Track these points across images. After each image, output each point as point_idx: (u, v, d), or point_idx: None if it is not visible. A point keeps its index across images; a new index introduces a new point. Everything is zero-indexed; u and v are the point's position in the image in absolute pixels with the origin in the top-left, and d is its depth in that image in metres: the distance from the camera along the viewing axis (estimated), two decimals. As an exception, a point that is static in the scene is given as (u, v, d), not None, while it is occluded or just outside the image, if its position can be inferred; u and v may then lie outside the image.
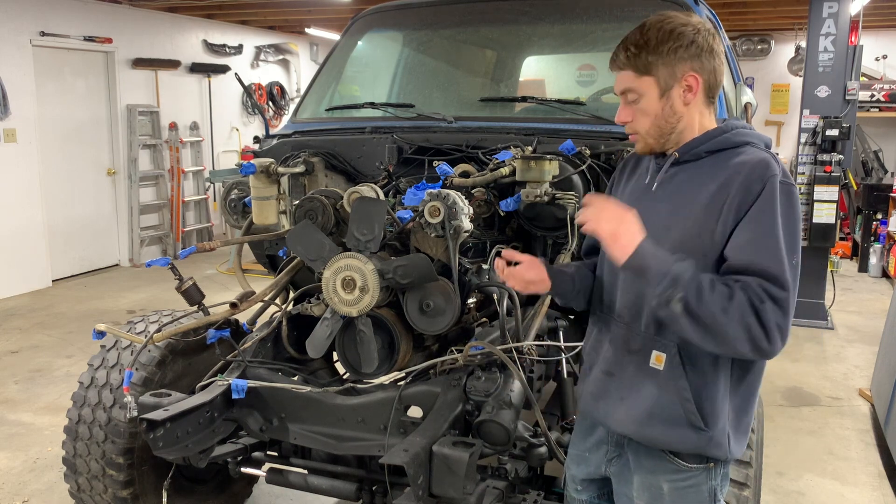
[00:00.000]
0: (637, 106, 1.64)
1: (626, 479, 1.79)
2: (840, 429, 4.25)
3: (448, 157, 2.79)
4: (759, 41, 10.66)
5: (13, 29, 7.12)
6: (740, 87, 3.46)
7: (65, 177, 7.88)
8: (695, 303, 1.47)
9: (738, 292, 1.46)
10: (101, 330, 2.41)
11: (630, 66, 1.62)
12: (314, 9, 8.76)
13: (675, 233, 1.62)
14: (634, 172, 1.83)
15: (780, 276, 1.47)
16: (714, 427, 1.63)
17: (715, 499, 1.72)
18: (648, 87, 1.62)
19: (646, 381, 1.68)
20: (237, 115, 10.42)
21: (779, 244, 1.50)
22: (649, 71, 1.61)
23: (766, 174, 1.54)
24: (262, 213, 2.80)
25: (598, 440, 1.86)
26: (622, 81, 1.65)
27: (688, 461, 1.68)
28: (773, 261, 1.48)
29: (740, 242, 1.53)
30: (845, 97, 6.05)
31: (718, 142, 1.64)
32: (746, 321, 1.45)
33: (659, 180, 1.68)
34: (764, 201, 1.52)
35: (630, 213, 1.57)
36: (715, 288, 1.47)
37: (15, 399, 4.64)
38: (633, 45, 1.62)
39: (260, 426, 2.36)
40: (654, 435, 1.67)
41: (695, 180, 1.63)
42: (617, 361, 1.74)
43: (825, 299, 6.25)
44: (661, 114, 1.63)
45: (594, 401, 1.80)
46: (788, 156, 10.43)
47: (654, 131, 1.65)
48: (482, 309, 2.66)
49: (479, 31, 3.73)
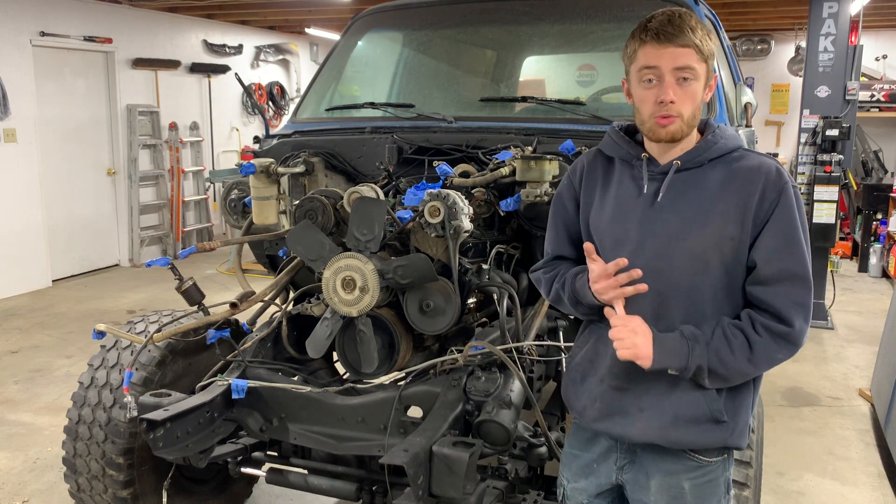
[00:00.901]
0: (688, 88, 1.57)
1: (641, 485, 1.74)
2: (840, 429, 4.25)
3: (448, 157, 2.79)
4: (759, 41, 10.66)
5: (13, 29, 7.12)
6: (740, 87, 3.46)
7: (65, 177, 7.88)
8: (723, 371, 1.59)
9: (755, 337, 1.58)
10: (101, 330, 2.41)
11: (694, 46, 1.55)
12: (314, 9, 8.76)
13: (693, 243, 1.61)
14: (609, 179, 1.75)
15: (807, 276, 1.60)
16: (738, 419, 1.67)
17: (729, 488, 1.75)
18: (703, 73, 1.59)
19: (667, 388, 1.65)
20: (237, 115, 10.42)
21: (802, 248, 1.60)
22: (708, 58, 1.59)
23: (780, 183, 1.60)
24: (262, 213, 2.80)
25: (604, 449, 1.79)
26: (682, 57, 1.55)
27: (708, 455, 1.69)
28: (798, 265, 1.59)
29: (769, 252, 1.60)
30: (845, 97, 6.05)
31: (718, 149, 1.65)
32: (771, 358, 1.60)
33: (664, 190, 1.65)
34: (783, 209, 1.59)
35: (632, 326, 1.59)
36: (733, 348, 1.58)
37: (15, 399, 4.64)
38: (700, 28, 1.57)
39: (260, 426, 2.36)
40: (678, 437, 1.66)
41: (702, 189, 1.63)
42: (628, 375, 1.69)
43: (825, 299, 6.25)
44: (699, 103, 1.61)
45: (606, 418, 1.73)
46: (788, 156, 10.43)
47: (691, 119, 1.61)
48: (482, 309, 2.65)
49: (479, 31, 3.73)
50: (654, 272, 1.61)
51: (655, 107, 1.58)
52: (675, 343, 1.58)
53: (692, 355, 1.57)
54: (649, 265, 1.61)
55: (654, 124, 1.60)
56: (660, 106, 1.57)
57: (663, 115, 1.58)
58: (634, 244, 1.65)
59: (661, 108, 1.57)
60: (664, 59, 1.55)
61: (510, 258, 2.67)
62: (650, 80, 1.58)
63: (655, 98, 1.58)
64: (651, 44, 1.57)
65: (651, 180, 1.67)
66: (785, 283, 1.58)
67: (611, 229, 1.71)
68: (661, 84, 1.57)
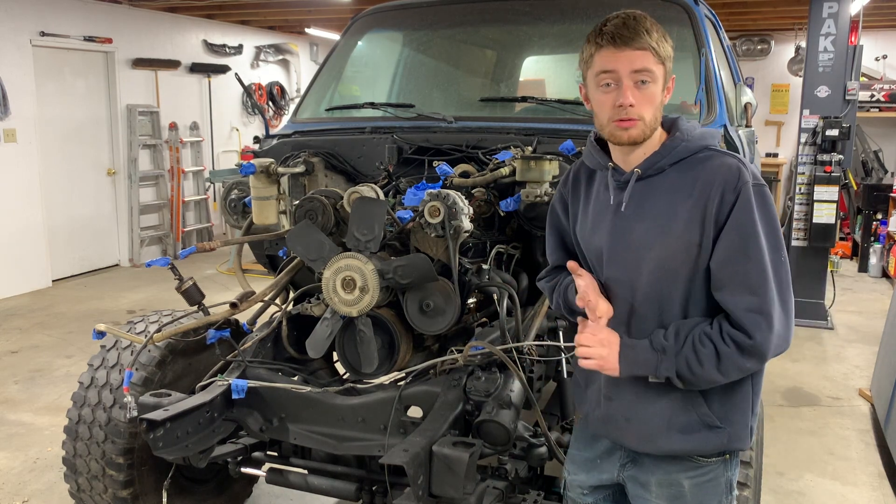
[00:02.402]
0: (646, 90, 1.55)
1: (642, 483, 1.75)
2: (840, 429, 4.25)
3: (448, 157, 2.79)
4: (759, 41, 10.65)
5: (13, 29, 7.12)
6: (740, 87, 3.45)
7: (65, 177, 7.88)
8: (690, 377, 1.56)
9: (723, 347, 1.52)
10: (101, 330, 2.41)
11: (651, 49, 1.54)
12: (314, 9, 8.76)
13: (658, 251, 1.59)
14: (591, 189, 1.74)
15: (763, 282, 1.51)
16: (732, 423, 1.64)
17: (731, 489, 1.73)
18: (660, 76, 1.57)
19: (651, 397, 1.65)
20: (237, 115, 10.42)
21: (761, 252, 1.52)
22: (665, 61, 1.57)
23: (738, 183, 1.53)
24: (262, 213, 2.80)
25: (608, 447, 1.81)
26: (639, 60, 1.53)
27: (709, 456, 1.68)
28: (755, 269, 1.51)
29: (723, 255, 1.54)
30: (845, 97, 6.04)
31: (679, 152, 1.60)
32: (740, 367, 1.54)
33: (626, 199, 1.63)
34: (741, 210, 1.52)
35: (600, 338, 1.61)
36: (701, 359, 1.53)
37: (15, 399, 4.64)
38: (655, 30, 1.55)
39: (260, 426, 2.36)
40: (672, 446, 1.66)
41: (665, 195, 1.60)
42: (612, 384, 1.71)
43: (825, 299, 6.25)
44: (659, 106, 1.59)
45: (603, 424, 1.76)
46: (788, 156, 10.43)
47: (652, 122, 1.58)
48: (482, 309, 2.65)
49: (479, 31, 3.73)
50: (625, 283, 1.63)
51: (614, 111, 1.56)
52: (643, 353, 1.59)
53: (660, 367, 1.57)
54: (621, 277, 1.63)
55: (615, 128, 1.58)
56: (619, 110, 1.55)
57: (623, 119, 1.56)
58: (607, 255, 1.66)
59: (621, 111, 1.55)
60: (621, 62, 1.53)
61: (510, 258, 2.67)
62: (608, 84, 1.56)
63: (614, 102, 1.55)
64: (607, 48, 1.54)
65: (617, 189, 1.66)
66: (739, 289, 1.52)
67: (591, 241, 1.72)
68: (618, 88, 1.55)
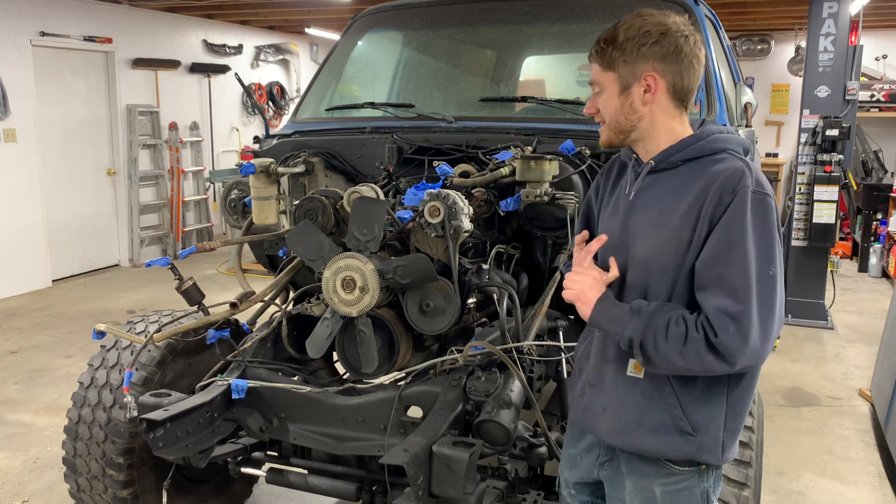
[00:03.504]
0: (600, 98, 1.67)
1: (618, 483, 1.78)
2: (840, 429, 4.25)
3: (448, 157, 2.79)
4: (759, 41, 10.66)
5: (13, 29, 7.12)
6: (740, 87, 3.45)
7: (65, 177, 7.88)
8: (652, 351, 1.53)
9: (693, 333, 1.50)
10: (101, 330, 2.41)
11: (597, 60, 1.66)
12: (314, 9, 8.76)
13: (651, 242, 1.61)
14: (619, 181, 1.79)
15: (743, 287, 1.48)
16: (705, 433, 1.61)
17: (708, 500, 1.70)
18: (611, 83, 1.64)
19: (628, 390, 1.66)
20: (237, 115, 10.42)
21: (747, 257, 1.49)
22: (612, 66, 1.63)
23: (737, 185, 1.52)
24: (262, 213, 2.80)
25: (589, 444, 1.84)
26: (591, 72, 1.69)
27: (679, 464, 1.66)
28: (738, 274, 1.49)
29: (706, 255, 1.53)
30: (845, 97, 6.05)
31: (694, 150, 1.61)
32: (703, 359, 1.49)
33: (637, 189, 1.68)
34: (733, 212, 1.51)
35: (593, 275, 1.65)
36: (669, 335, 1.51)
37: (15, 399, 4.64)
38: (602, 40, 1.65)
39: (260, 426, 2.36)
40: (642, 444, 1.65)
41: (672, 190, 1.61)
42: (597, 372, 1.74)
43: (825, 299, 6.25)
44: (621, 110, 1.64)
45: (583, 412, 1.79)
46: (788, 156, 10.43)
47: (613, 126, 1.68)
48: (482, 309, 2.65)
49: (479, 31, 3.73)
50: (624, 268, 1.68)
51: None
52: (619, 309, 1.60)
53: (628, 326, 1.56)
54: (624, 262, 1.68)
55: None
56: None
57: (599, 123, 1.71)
58: (617, 241, 1.70)
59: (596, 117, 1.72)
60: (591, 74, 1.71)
61: (510, 258, 2.67)
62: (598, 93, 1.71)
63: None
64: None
65: (633, 180, 1.71)
66: (716, 290, 1.50)
67: (606, 227, 1.76)
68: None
